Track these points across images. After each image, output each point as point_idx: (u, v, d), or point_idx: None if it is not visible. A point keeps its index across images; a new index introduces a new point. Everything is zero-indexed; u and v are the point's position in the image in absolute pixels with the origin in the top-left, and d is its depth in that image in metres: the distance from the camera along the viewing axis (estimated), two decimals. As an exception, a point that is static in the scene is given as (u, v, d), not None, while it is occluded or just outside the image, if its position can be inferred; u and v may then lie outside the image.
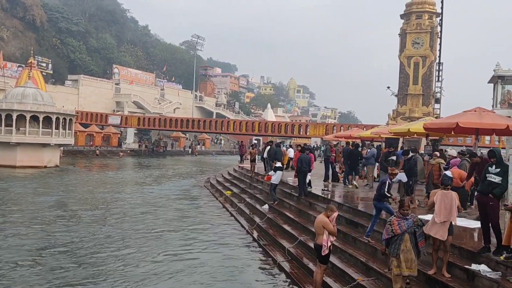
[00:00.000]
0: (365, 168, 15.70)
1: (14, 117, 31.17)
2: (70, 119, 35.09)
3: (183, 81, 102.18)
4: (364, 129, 29.72)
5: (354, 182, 14.96)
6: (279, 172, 14.19)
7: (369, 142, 19.43)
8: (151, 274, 8.91)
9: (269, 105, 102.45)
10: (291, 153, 21.36)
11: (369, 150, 15.44)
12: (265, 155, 18.34)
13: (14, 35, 71.27)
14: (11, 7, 72.88)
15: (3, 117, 31.35)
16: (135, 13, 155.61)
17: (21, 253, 10.08)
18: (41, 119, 32.11)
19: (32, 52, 47.91)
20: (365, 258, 8.27)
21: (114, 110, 72.37)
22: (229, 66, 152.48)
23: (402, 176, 10.17)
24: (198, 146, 70.50)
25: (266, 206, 14.47)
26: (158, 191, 22.03)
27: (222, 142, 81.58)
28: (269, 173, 14.69)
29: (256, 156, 21.12)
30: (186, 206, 17.79)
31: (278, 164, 14.45)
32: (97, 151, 48.71)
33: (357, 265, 8.26)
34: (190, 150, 65.53)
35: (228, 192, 19.79)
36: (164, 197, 19.73)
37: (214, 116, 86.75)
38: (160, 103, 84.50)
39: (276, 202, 14.15)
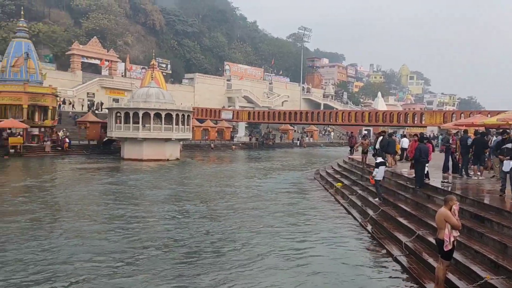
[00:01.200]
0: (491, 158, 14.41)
1: (140, 115, 34.31)
2: (188, 115, 37.61)
3: (291, 74, 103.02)
4: (489, 115, 27.16)
5: (478, 173, 13.81)
6: (381, 168, 13.76)
7: (495, 130, 17.73)
8: (267, 268, 9.02)
9: (379, 94, 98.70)
10: (404, 143, 20.38)
11: (494, 138, 14.12)
12: (377, 146, 17.77)
13: (137, 40, 78.29)
14: (134, 14, 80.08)
15: (131, 115, 34.68)
16: (243, 10, 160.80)
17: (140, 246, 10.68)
18: (163, 116, 34.91)
19: (153, 54, 52.13)
20: (494, 255, 7.64)
21: (224, 106, 75.67)
22: (336, 56, 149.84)
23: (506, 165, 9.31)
24: (307, 138, 70.64)
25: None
26: (268, 184, 22.37)
27: (332, 134, 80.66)
28: (373, 174, 14.21)
29: (368, 147, 20.53)
30: (296, 198, 17.96)
31: (379, 160, 14.04)
32: (212, 145, 51.52)
33: (484, 262, 7.67)
34: (298, 142, 65.98)
35: (339, 184, 19.58)
36: (274, 190, 19.90)
37: (322, 108, 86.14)
38: (268, 97, 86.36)
39: (380, 201, 13.77)
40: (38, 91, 37.65)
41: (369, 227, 12.11)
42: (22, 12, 41.15)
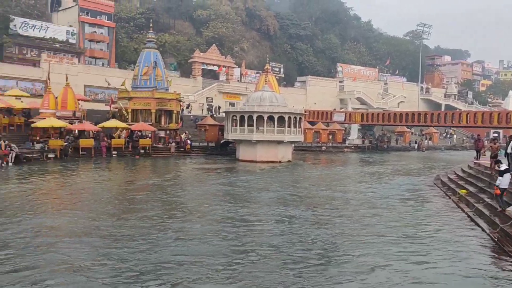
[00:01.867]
0: None
1: (255, 118, 35.49)
2: (300, 118, 37.91)
3: (408, 74, 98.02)
4: None
5: None
6: (506, 176, 12.40)
7: None
8: (379, 284, 8.56)
9: (510, 93, 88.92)
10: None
11: None
12: (509, 150, 16.07)
13: (252, 45, 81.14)
14: (249, 21, 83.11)
15: (246, 118, 36.06)
16: (358, 10, 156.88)
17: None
18: (276, 119, 35.69)
19: (267, 59, 53.53)
20: None
21: (335, 108, 74.65)
22: (460, 53, 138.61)
23: None
24: (425, 141, 66.47)
25: (511, 208, 12.73)
26: (381, 189, 21.45)
27: (454, 137, 74.83)
28: (496, 182, 12.85)
29: (498, 151, 18.66)
30: (413, 206, 16.95)
31: (503, 167, 12.69)
32: (323, 147, 51.23)
33: None
34: (416, 145, 62.41)
35: (463, 191, 18.12)
36: (389, 197, 19.00)
37: (443, 108, 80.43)
38: (383, 98, 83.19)
39: (501, 209, 12.41)
40: (165, 96, 41.10)
41: (498, 239, 11.02)
42: (151, 25, 45.25)
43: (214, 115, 52.69)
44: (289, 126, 36.40)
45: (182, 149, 39.47)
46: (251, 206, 16.08)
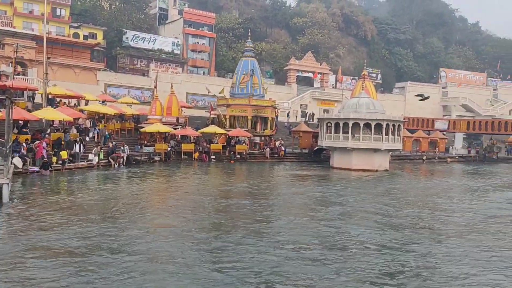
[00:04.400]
0: None
1: (350, 125, 34.85)
2: (399, 125, 36.43)
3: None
4: None
5: None
6: None
7: None
8: None
9: None
10: None
11: None
12: None
13: (348, 51, 79.83)
14: (346, 27, 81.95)
15: (341, 125, 35.55)
16: (464, 11, 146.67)
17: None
18: (373, 126, 34.69)
19: (364, 65, 52.29)
20: None
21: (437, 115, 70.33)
22: None
23: None
24: (543, 153, 59.86)
25: None
26: (491, 206, 19.54)
27: None
28: None
29: None
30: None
31: None
32: (424, 157, 48.58)
33: None
34: (531, 157, 56.49)
35: None
36: (501, 216, 16.96)
37: None
38: (492, 105, 76.63)
39: None
40: (260, 103, 42.10)
41: None
42: (249, 34, 46.70)
43: (308, 122, 52.69)
44: (386, 134, 35.15)
45: (276, 155, 40.03)
46: (345, 223, 14.26)
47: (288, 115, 57.85)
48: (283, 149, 40.75)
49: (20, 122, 24.99)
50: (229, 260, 9.80)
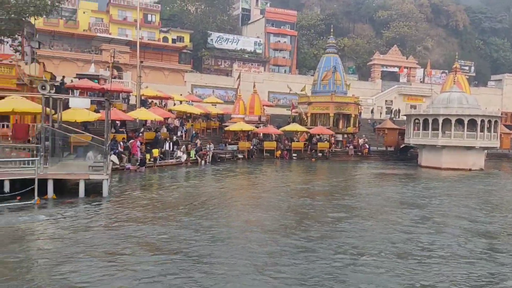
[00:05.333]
0: None
1: (440, 122, 32.94)
2: (495, 121, 33.77)
3: None
4: None
5: None
6: None
7: None
8: None
9: None
10: None
11: None
12: None
13: (437, 43, 75.46)
14: (435, 17, 77.50)
15: (430, 121, 33.74)
16: None
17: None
18: (466, 122, 32.49)
19: (456, 57, 49.10)
20: None
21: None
22: None
23: None
24: None
25: None
26: None
27: None
28: None
29: None
30: None
31: None
32: (525, 155, 44.48)
33: None
34: None
35: None
36: None
37: None
38: None
39: None
40: (343, 100, 41.32)
41: None
42: (331, 30, 46.05)
43: (394, 119, 50.69)
44: (481, 131, 32.76)
45: (360, 153, 39.05)
46: (423, 229, 12.94)
47: (372, 111, 56.22)
48: (367, 147, 39.64)
49: (117, 122, 26.98)
50: (283, 263, 9.41)
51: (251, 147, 34.97)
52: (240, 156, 33.60)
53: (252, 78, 50.39)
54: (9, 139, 18.29)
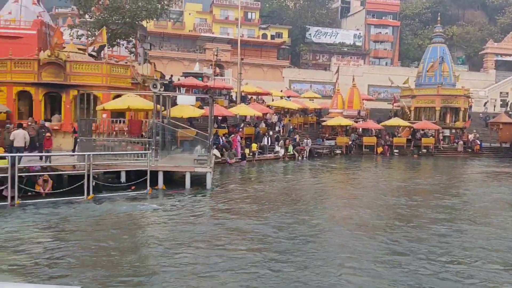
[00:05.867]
0: None
1: None
2: None
3: None
4: None
5: None
6: None
7: None
8: None
9: None
10: None
11: None
12: None
13: None
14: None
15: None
16: None
17: None
18: None
19: None
20: None
21: None
22: None
23: None
24: None
25: None
26: None
27: None
28: None
29: None
30: None
31: None
32: None
33: None
34: None
35: None
36: None
37: None
38: None
39: None
40: (451, 93, 38.62)
41: None
42: (438, 18, 43.18)
43: (510, 112, 46.11)
44: None
45: (470, 150, 36.23)
46: None
47: (485, 105, 51.72)
48: (478, 142, 36.62)
49: (219, 117, 28.23)
50: (362, 266, 8.94)
51: (350, 142, 34.29)
52: (338, 151, 33.15)
53: (351, 71, 49.26)
54: (125, 133, 20.12)
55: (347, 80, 43.99)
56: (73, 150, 18.32)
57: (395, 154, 34.57)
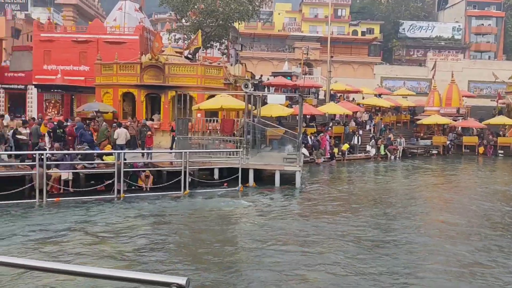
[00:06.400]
0: None
1: None
2: None
3: None
4: None
5: None
6: None
7: None
8: None
9: None
10: None
11: None
12: None
13: None
14: None
15: None
16: None
17: None
18: None
19: None
20: None
21: None
22: None
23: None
24: None
25: None
26: None
27: None
28: None
29: None
30: None
31: None
32: None
33: None
34: None
35: None
36: None
37: None
38: None
39: None
40: None
41: None
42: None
43: None
44: None
45: None
46: None
47: None
48: None
49: (308, 116, 28.16)
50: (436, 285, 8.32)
51: (447, 142, 32.22)
52: (434, 151, 31.32)
53: (449, 66, 46.20)
54: (218, 132, 20.92)
55: (444, 76, 41.36)
56: (171, 148, 19.47)
57: (500, 155, 31.78)
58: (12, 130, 15.63)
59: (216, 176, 16.78)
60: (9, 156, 15.35)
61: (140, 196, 14.25)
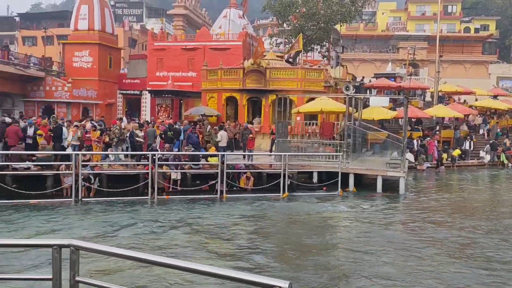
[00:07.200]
0: None
1: None
2: None
3: None
4: None
5: None
6: None
7: None
8: None
9: None
10: None
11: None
12: None
13: None
14: None
15: None
16: None
17: None
18: None
19: None
20: None
21: None
22: None
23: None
24: None
25: None
26: None
27: None
28: None
29: None
30: None
31: None
32: None
33: None
34: None
35: None
36: None
37: None
38: None
39: None
40: None
41: None
42: None
43: None
44: None
45: None
46: None
47: None
48: None
49: (413, 119, 26.71)
50: None
51: None
52: None
53: None
54: (317, 135, 20.76)
55: None
56: (270, 150, 19.79)
57: None
58: (129, 132, 17.08)
59: (315, 179, 16.67)
60: (126, 156, 16.86)
61: (241, 197, 14.69)
